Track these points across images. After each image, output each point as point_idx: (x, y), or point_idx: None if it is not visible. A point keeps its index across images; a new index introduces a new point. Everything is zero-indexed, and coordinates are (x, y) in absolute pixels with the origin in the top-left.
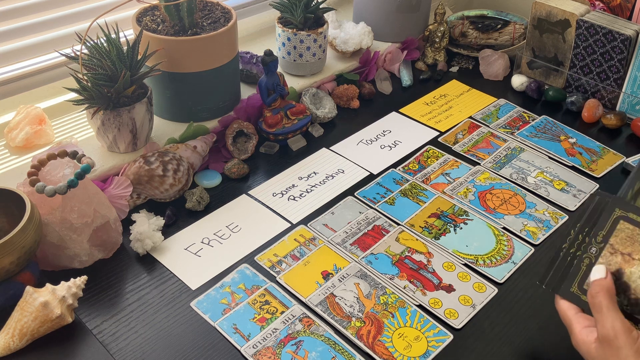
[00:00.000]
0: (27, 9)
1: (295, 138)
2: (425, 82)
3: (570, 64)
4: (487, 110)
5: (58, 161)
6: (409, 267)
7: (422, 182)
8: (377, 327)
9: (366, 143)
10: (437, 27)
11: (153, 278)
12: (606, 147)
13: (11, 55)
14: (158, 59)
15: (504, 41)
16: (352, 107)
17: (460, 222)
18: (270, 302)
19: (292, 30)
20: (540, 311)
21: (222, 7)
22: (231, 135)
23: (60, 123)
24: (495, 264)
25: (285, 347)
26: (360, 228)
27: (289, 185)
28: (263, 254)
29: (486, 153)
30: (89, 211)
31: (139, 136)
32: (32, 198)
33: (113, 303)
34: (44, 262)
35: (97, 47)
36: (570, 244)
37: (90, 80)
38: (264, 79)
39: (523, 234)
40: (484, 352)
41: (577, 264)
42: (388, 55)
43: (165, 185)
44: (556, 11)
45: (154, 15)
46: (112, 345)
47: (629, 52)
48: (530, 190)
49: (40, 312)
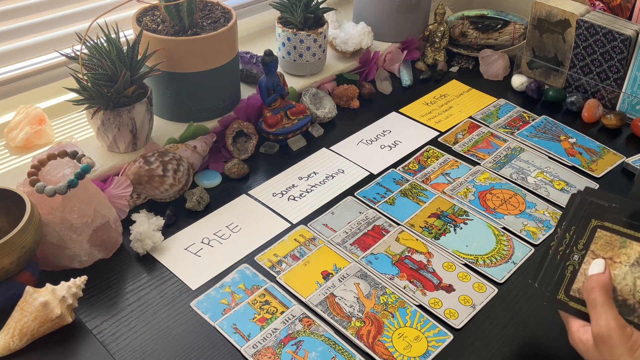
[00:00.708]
0: (27, 9)
1: (295, 138)
2: (425, 82)
3: (570, 64)
4: (487, 110)
5: (58, 161)
6: (409, 267)
7: (422, 182)
8: (377, 327)
9: (366, 143)
10: (437, 27)
11: (153, 278)
12: (606, 147)
13: (11, 55)
14: (158, 59)
15: (504, 41)
16: (352, 107)
17: (460, 222)
18: (270, 302)
19: (292, 30)
20: (540, 311)
21: (222, 7)
22: (231, 135)
23: (60, 123)
24: (495, 264)
25: (285, 347)
26: (360, 228)
27: (289, 185)
28: (263, 254)
29: (486, 153)
30: (89, 211)
31: (139, 136)
32: (32, 198)
33: (113, 303)
34: (44, 262)
35: (97, 47)
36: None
37: (90, 80)
38: (264, 79)
39: (523, 234)
40: (484, 352)
41: (561, 271)
42: (388, 55)
43: (165, 185)
44: (556, 11)
45: (154, 15)
46: (112, 345)
47: (629, 52)
48: (530, 190)
49: (40, 312)
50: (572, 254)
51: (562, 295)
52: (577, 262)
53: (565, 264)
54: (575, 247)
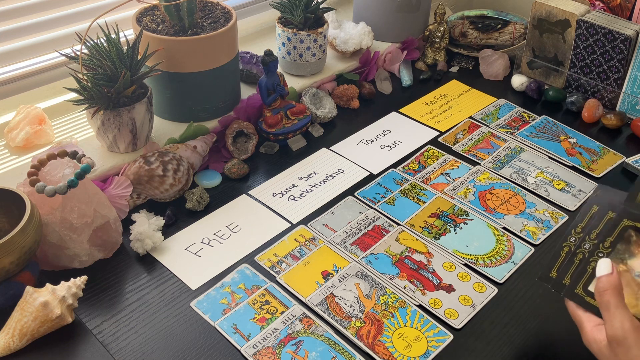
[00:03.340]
0: (27, 9)
1: (295, 138)
2: (425, 82)
3: (570, 64)
4: (487, 110)
5: (58, 161)
6: (409, 267)
7: (422, 182)
8: (377, 327)
9: (366, 143)
10: (437, 27)
11: (153, 278)
12: (606, 147)
13: (11, 55)
14: (158, 59)
15: (504, 41)
16: (352, 107)
17: (460, 222)
18: (270, 302)
19: (292, 30)
20: (540, 311)
21: (222, 7)
22: (231, 135)
23: (60, 123)
24: (495, 264)
25: (285, 347)
26: (360, 228)
27: (289, 185)
28: (263, 254)
29: (486, 153)
30: (89, 211)
31: (139, 136)
32: (32, 198)
33: (113, 303)
34: (44, 262)
35: (97, 47)
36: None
37: (90, 80)
38: (264, 79)
39: (523, 234)
40: (484, 352)
41: (582, 266)
42: (388, 55)
43: (165, 185)
44: (556, 11)
45: (154, 15)
46: (112, 345)
47: (629, 52)
48: (530, 190)
49: (40, 312)
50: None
51: (580, 290)
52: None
53: (589, 260)
54: (601, 245)
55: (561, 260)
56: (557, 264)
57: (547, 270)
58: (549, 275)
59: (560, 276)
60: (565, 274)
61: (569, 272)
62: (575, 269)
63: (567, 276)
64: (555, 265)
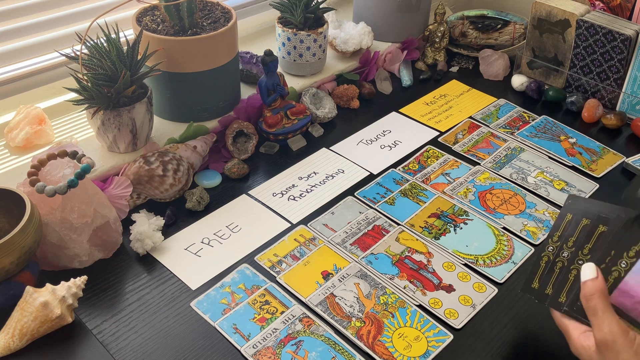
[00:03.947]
0: (27, 9)
1: (295, 138)
2: (425, 82)
3: (570, 64)
4: (487, 110)
5: (58, 161)
6: (409, 267)
7: (422, 182)
8: (377, 327)
9: (366, 143)
10: (437, 27)
11: (153, 278)
12: (606, 147)
13: (11, 55)
14: (158, 59)
15: (504, 41)
16: (352, 107)
17: (460, 222)
18: (270, 302)
19: (292, 30)
20: (540, 311)
21: (222, 7)
22: (231, 135)
23: (60, 123)
24: (495, 264)
25: (285, 347)
26: (360, 228)
27: (289, 185)
28: (263, 254)
29: (486, 153)
30: (89, 211)
31: (139, 136)
32: (32, 198)
33: (113, 303)
34: (44, 262)
35: (97, 47)
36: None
37: (90, 80)
38: (264, 79)
39: (523, 234)
40: (484, 352)
41: (563, 274)
42: (388, 55)
43: (165, 185)
44: (556, 11)
45: (154, 15)
46: (112, 345)
47: (629, 52)
48: (530, 190)
49: (40, 312)
50: (577, 258)
51: (563, 298)
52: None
53: (569, 268)
54: (580, 252)
55: (541, 271)
56: (537, 274)
57: (528, 282)
58: (531, 287)
59: (542, 286)
60: (547, 283)
61: (550, 281)
62: (556, 278)
63: (549, 286)
64: (535, 276)
